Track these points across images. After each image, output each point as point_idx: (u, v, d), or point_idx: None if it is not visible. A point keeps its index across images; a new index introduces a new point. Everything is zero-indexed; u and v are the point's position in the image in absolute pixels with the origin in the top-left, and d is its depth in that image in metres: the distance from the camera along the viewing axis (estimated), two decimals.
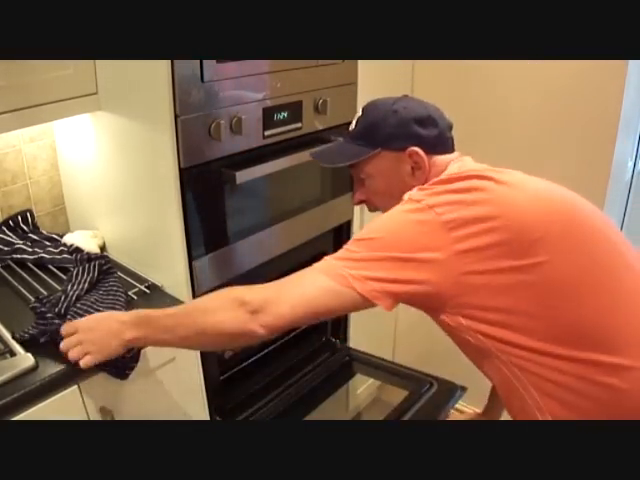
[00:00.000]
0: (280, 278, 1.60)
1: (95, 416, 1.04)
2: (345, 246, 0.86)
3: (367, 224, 0.89)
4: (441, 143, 0.96)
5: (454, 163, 0.95)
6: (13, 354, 1.01)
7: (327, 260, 0.85)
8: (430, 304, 0.84)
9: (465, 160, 0.97)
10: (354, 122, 1.02)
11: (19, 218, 1.43)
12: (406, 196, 0.87)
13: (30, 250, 1.34)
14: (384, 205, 0.99)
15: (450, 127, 0.99)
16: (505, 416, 1.03)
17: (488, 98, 1.70)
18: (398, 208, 0.86)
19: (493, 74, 1.67)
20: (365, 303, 0.81)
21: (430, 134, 0.95)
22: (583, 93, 1.52)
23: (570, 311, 0.80)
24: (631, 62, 1.43)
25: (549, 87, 1.58)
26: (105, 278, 1.22)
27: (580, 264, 0.81)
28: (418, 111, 0.95)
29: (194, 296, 1.22)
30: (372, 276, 0.80)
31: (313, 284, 0.82)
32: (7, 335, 1.06)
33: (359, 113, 1.02)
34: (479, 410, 1.21)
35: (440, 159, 0.95)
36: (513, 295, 0.79)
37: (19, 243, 1.36)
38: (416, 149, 0.94)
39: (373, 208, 1.04)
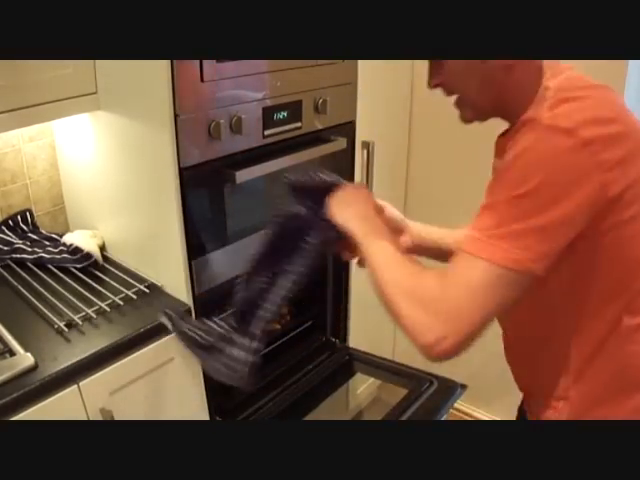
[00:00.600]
0: None
1: (95, 416, 1.04)
2: (498, 207, 0.72)
3: (519, 167, 0.72)
4: None
5: (566, 68, 0.83)
6: (13, 354, 1.01)
7: (488, 240, 0.71)
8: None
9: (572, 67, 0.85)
10: None
11: (19, 218, 1.43)
12: (544, 115, 0.73)
13: (29, 250, 1.35)
14: (462, 88, 0.90)
15: None
16: None
17: None
18: (554, 146, 0.70)
19: None
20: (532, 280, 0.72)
21: None
22: None
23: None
24: (631, 62, 1.43)
25: None
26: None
27: None
28: None
29: (194, 296, 1.22)
30: (544, 252, 0.70)
31: (493, 289, 0.71)
32: (7, 334, 1.06)
33: None
34: (477, 410, 1.20)
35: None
36: (633, 244, 0.75)
37: (18, 243, 1.36)
38: None
39: (449, 92, 0.92)
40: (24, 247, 1.35)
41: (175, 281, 1.22)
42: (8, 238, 1.38)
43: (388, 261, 0.81)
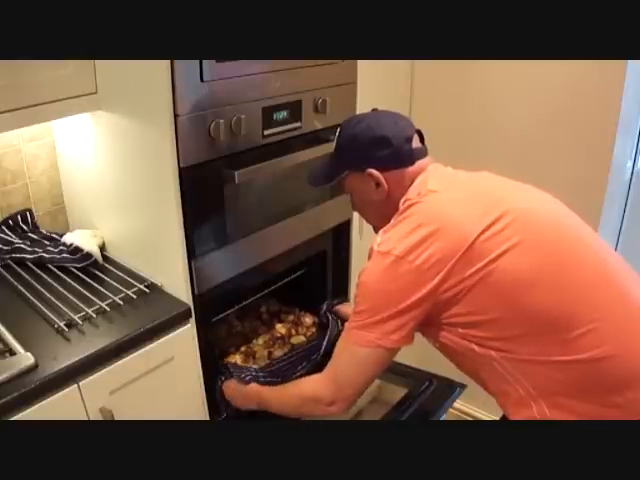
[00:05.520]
0: (278, 277, 1.60)
1: (95, 416, 1.04)
2: (355, 317, 0.99)
3: (360, 289, 0.99)
4: (396, 159, 1.04)
5: (420, 177, 1.03)
6: (13, 353, 1.01)
7: (353, 330, 0.99)
8: (428, 323, 0.97)
9: (429, 172, 1.04)
10: (335, 138, 1.11)
11: (19, 217, 1.43)
12: (376, 241, 0.97)
13: (30, 249, 1.35)
14: (366, 216, 1.16)
15: (408, 139, 1.04)
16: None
17: (487, 98, 1.70)
18: (377, 268, 0.96)
19: (492, 74, 1.67)
20: (394, 351, 0.98)
21: (384, 154, 1.03)
22: (582, 93, 1.52)
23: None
24: (630, 62, 1.43)
25: (548, 87, 1.58)
26: None
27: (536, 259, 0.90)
28: (375, 132, 1.03)
29: (193, 296, 1.22)
30: (389, 330, 0.95)
31: (358, 359, 0.98)
32: (7, 334, 1.07)
33: (338, 130, 1.10)
34: (477, 409, 1.21)
35: (401, 173, 1.04)
36: (479, 297, 0.90)
37: (18, 242, 1.36)
38: (372, 171, 1.04)
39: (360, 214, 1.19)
40: (24, 247, 1.35)
41: (175, 281, 1.22)
42: (8, 238, 1.38)
43: (278, 403, 1.17)
